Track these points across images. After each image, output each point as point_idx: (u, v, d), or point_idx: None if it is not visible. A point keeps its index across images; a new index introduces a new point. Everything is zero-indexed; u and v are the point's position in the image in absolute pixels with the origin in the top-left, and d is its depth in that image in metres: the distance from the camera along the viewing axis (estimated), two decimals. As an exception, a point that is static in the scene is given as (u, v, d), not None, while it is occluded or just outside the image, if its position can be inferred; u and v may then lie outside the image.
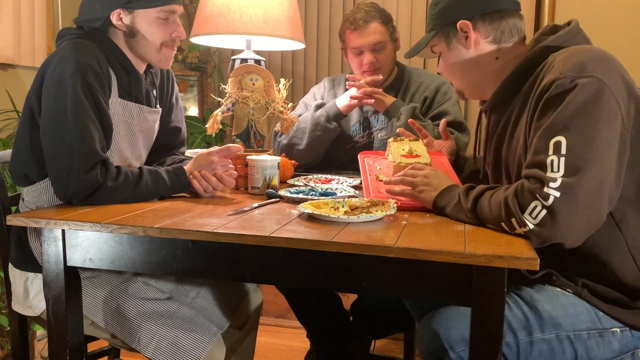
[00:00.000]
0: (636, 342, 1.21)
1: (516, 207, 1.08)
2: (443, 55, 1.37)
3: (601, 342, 1.19)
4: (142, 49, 1.45)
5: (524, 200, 1.07)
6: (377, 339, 2.21)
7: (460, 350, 1.13)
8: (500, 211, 1.10)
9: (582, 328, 1.19)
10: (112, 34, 1.44)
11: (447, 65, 1.38)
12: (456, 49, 1.33)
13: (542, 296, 1.22)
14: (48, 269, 1.20)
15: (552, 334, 1.18)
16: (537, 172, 1.08)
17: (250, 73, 1.86)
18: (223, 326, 1.43)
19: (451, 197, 1.24)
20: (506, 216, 1.09)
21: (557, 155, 1.07)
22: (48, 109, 1.30)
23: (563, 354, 1.18)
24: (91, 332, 1.43)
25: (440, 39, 1.35)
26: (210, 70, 3.09)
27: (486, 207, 1.15)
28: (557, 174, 1.06)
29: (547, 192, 1.05)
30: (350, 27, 1.99)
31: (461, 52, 1.33)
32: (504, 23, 1.30)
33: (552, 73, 1.15)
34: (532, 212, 1.06)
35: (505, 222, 1.10)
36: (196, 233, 1.08)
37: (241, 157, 1.59)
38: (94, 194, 1.28)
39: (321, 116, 2.02)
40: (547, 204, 1.05)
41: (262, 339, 2.46)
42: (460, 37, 1.32)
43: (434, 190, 1.28)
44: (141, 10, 1.41)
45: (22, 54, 2.36)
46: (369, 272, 1.05)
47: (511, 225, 1.09)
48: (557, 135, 1.08)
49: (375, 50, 1.99)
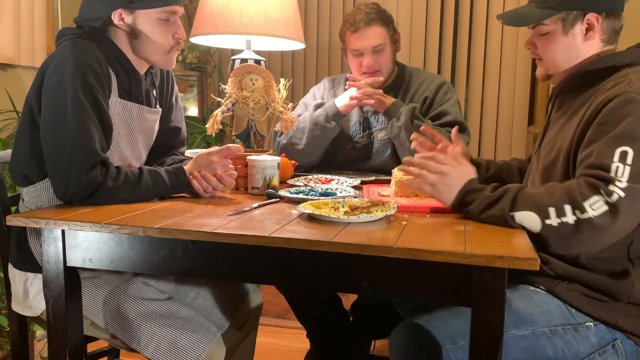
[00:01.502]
0: (613, 334, 1.22)
1: (577, 195, 1.09)
2: (552, 36, 1.30)
3: (578, 336, 1.21)
4: (146, 50, 1.45)
5: (588, 191, 1.09)
6: (377, 339, 2.21)
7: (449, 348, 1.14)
8: (554, 196, 1.11)
9: (556, 324, 1.21)
10: (113, 34, 1.44)
11: (551, 47, 1.31)
12: (572, 36, 1.30)
13: (515, 295, 1.24)
14: (48, 269, 1.20)
15: (528, 330, 1.19)
16: (602, 172, 1.10)
17: (250, 73, 1.86)
18: (223, 326, 1.43)
19: (473, 194, 1.21)
20: (561, 201, 1.09)
21: (623, 163, 1.09)
22: (48, 109, 1.30)
23: (543, 349, 1.20)
24: (91, 332, 1.42)
25: (558, 20, 1.30)
26: (210, 70, 3.08)
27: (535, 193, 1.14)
28: (623, 179, 1.08)
29: (612, 189, 1.07)
30: (350, 28, 1.98)
31: (576, 40, 1.30)
32: (617, 25, 1.31)
33: (622, 86, 1.17)
34: (593, 204, 1.08)
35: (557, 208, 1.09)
36: (196, 233, 1.08)
37: (241, 157, 1.59)
38: (94, 194, 1.28)
39: (320, 116, 2.02)
40: (610, 200, 1.07)
41: (262, 339, 2.46)
42: (581, 27, 1.29)
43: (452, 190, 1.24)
44: (142, 11, 1.40)
45: (21, 53, 2.36)
46: (369, 272, 1.05)
47: (561, 212, 1.09)
48: (624, 145, 1.10)
49: (375, 52, 1.99)
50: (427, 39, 2.86)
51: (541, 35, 1.32)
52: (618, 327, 1.22)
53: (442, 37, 2.86)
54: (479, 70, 2.83)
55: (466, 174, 1.27)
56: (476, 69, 2.83)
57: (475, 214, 1.20)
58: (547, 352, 1.19)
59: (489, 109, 2.83)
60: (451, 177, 1.25)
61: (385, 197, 1.46)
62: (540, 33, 1.31)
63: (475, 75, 2.84)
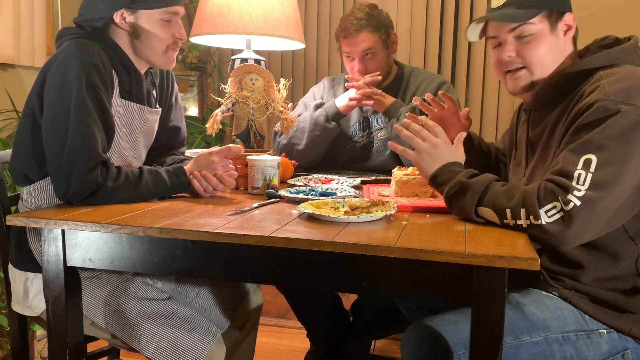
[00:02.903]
0: (625, 342, 1.22)
1: (534, 201, 1.10)
2: (538, 35, 1.28)
3: (590, 343, 1.20)
4: (147, 51, 1.45)
5: (545, 197, 1.09)
6: (377, 339, 2.21)
7: (460, 353, 1.13)
8: (514, 199, 1.12)
9: (569, 330, 1.20)
10: (114, 34, 1.44)
11: (538, 48, 1.29)
12: (556, 35, 1.30)
13: (528, 300, 1.23)
14: (48, 269, 1.20)
15: (541, 337, 1.18)
16: (563, 179, 1.10)
17: (250, 73, 1.86)
18: (223, 326, 1.43)
19: (451, 174, 1.24)
20: (518, 205, 1.11)
21: (586, 171, 1.09)
22: (51, 109, 1.30)
23: (553, 356, 1.18)
24: (91, 332, 1.42)
25: (544, 19, 1.28)
26: (210, 70, 3.08)
27: (499, 192, 1.15)
28: (582, 187, 1.08)
29: (569, 198, 1.07)
30: (341, 33, 2.01)
31: (559, 40, 1.30)
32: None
33: (596, 93, 1.16)
34: (548, 211, 1.09)
35: (512, 211, 1.12)
36: (196, 233, 1.08)
37: (241, 157, 1.59)
38: (94, 194, 1.28)
39: (320, 116, 2.02)
40: (566, 208, 1.07)
41: (262, 339, 2.46)
42: (562, 26, 1.30)
43: (435, 162, 1.28)
44: (144, 11, 1.41)
45: (21, 53, 2.36)
46: (369, 272, 1.05)
47: (517, 215, 1.11)
48: (590, 153, 1.11)
49: (365, 57, 2.00)
50: (427, 39, 2.86)
51: (523, 38, 1.29)
52: (631, 334, 1.21)
53: (442, 37, 2.86)
54: (479, 70, 2.83)
55: (455, 155, 1.30)
56: (476, 69, 2.83)
57: (447, 195, 1.23)
58: (555, 359, 1.18)
59: (489, 109, 2.83)
60: (439, 150, 1.28)
61: (385, 197, 1.46)
62: (524, 35, 1.28)
63: (475, 75, 2.84)
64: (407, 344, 1.19)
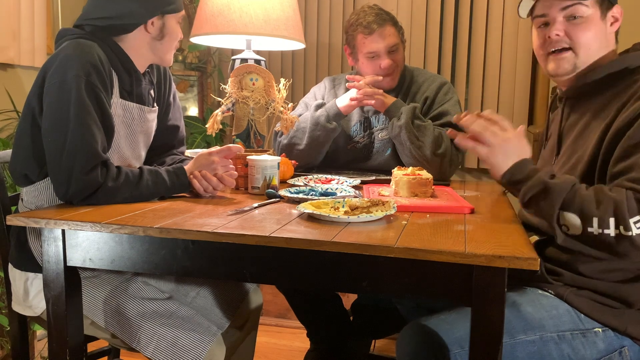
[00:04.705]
0: (621, 340, 1.22)
1: (625, 210, 1.06)
2: (589, 19, 1.27)
3: (586, 342, 1.20)
4: (164, 50, 1.52)
5: (634, 207, 1.06)
6: (377, 339, 2.21)
7: (456, 352, 1.13)
8: (601, 206, 1.08)
9: (565, 329, 1.20)
10: (134, 36, 1.45)
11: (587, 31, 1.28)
12: (605, 22, 1.29)
13: (523, 299, 1.23)
14: (48, 269, 1.20)
15: (537, 336, 1.18)
16: None
17: (250, 73, 1.86)
18: (223, 326, 1.43)
19: (531, 172, 1.18)
20: (608, 214, 1.07)
21: None
22: (51, 109, 1.30)
23: (550, 355, 1.19)
24: (91, 332, 1.42)
25: (596, 4, 1.27)
26: (210, 70, 3.08)
27: (587, 196, 1.10)
28: None
29: None
30: (364, 31, 1.95)
31: (607, 28, 1.30)
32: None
33: None
34: (637, 222, 1.06)
35: (600, 219, 1.07)
36: (196, 233, 1.08)
37: (241, 157, 1.59)
38: (95, 194, 1.29)
39: (321, 116, 2.02)
40: None
41: (262, 339, 2.46)
42: (611, 16, 1.30)
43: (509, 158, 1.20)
44: (169, 15, 1.50)
45: (22, 54, 2.36)
46: (369, 272, 1.05)
47: (605, 224, 1.07)
48: None
49: (390, 52, 1.98)
50: (427, 39, 2.86)
51: (573, 20, 1.27)
52: (627, 333, 1.21)
53: (442, 37, 2.86)
54: (479, 70, 2.83)
55: (526, 150, 1.22)
56: (476, 69, 2.83)
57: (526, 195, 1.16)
58: (553, 358, 1.18)
59: (489, 109, 2.83)
60: (512, 145, 1.20)
61: (385, 197, 1.46)
62: (575, 15, 1.26)
63: (475, 75, 2.84)
64: (403, 343, 1.20)
